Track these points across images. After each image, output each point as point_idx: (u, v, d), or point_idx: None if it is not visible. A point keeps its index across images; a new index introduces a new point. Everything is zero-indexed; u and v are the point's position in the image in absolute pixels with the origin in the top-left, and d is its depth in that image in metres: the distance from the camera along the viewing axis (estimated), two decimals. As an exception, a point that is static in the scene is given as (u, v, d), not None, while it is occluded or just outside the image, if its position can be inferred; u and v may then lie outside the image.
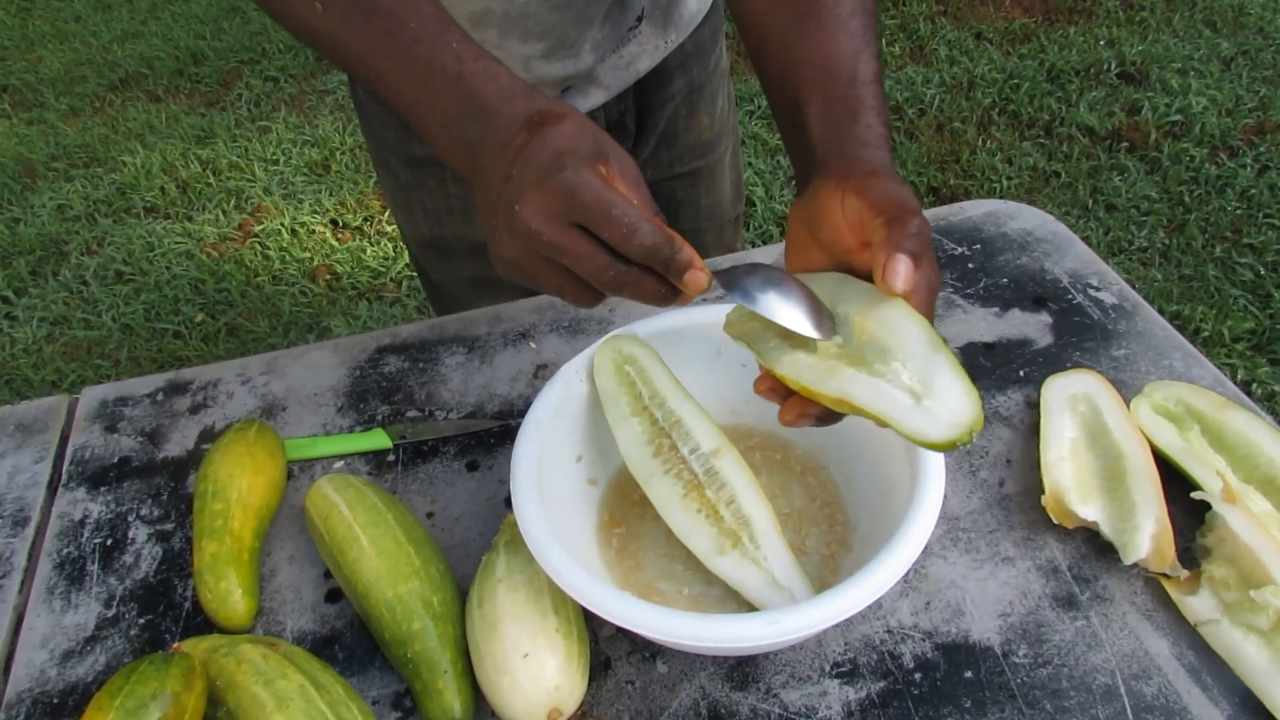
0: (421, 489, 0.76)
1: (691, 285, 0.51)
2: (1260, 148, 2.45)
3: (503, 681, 0.57)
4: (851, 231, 0.53)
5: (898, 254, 0.48)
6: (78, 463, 0.81)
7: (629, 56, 0.91)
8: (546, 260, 0.51)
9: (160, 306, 2.26)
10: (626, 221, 0.49)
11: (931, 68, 2.87)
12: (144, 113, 3.01)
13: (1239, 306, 2.02)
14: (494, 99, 0.53)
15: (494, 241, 0.52)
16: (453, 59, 0.55)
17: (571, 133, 0.51)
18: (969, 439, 0.46)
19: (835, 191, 0.52)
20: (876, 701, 0.60)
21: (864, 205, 0.51)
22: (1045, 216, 0.96)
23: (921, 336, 0.49)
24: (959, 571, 0.66)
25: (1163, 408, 0.72)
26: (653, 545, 0.68)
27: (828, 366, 0.51)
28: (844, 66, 0.61)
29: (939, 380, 0.48)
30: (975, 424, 0.46)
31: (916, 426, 0.47)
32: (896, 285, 0.48)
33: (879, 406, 0.49)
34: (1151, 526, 0.63)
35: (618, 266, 0.50)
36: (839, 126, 0.59)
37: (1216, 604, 0.60)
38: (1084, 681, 0.59)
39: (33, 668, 0.66)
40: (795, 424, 0.53)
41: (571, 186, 0.49)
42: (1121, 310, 0.85)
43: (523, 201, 0.49)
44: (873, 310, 0.52)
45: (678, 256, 0.50)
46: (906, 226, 0.48)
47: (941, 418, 0.47)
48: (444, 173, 0.95)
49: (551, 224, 0.49)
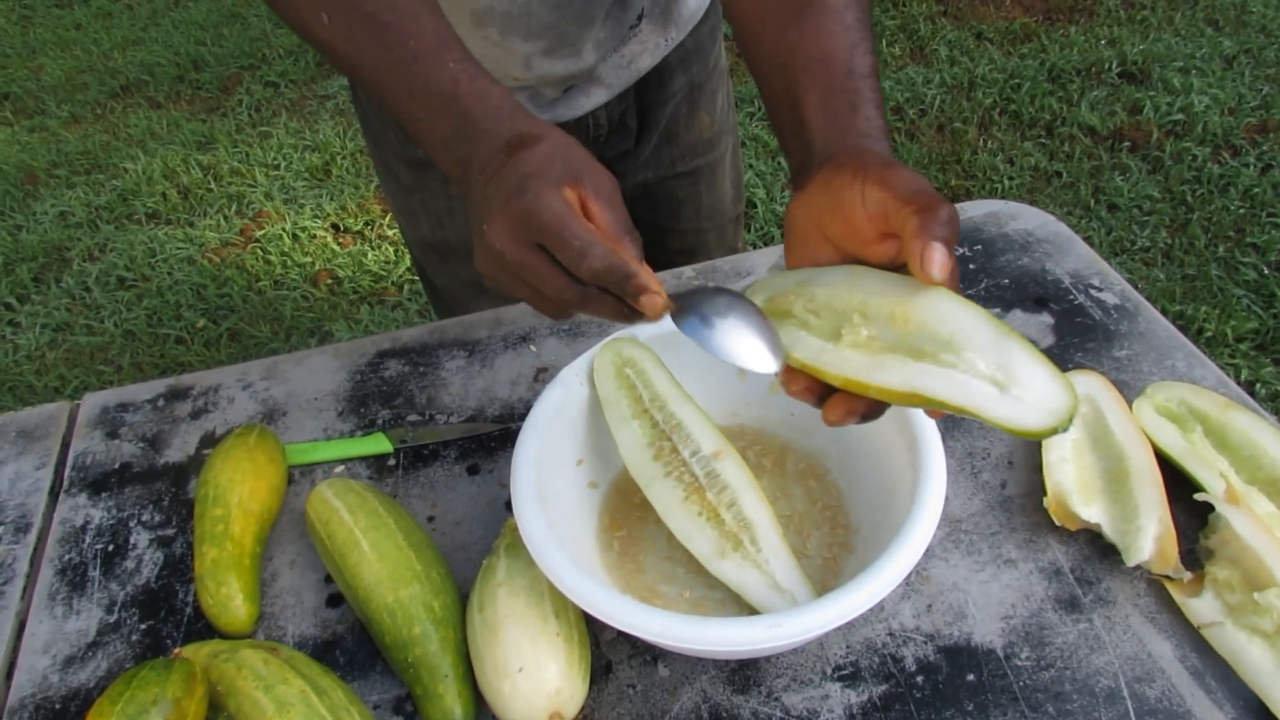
0: (422, 493, 0.76)
1: (648, 309, 0.51)
2: (1263, 146, 2.44)
3: (503, 686, 0.57)
4: (873, 223, 0.52)
5: (934, 242, 0.47)
6: (79, 469, 0.81)
7: (630, 55, 0.91)
8: (515, 277, 0.53)
9: (162, 312, 2.26)
10: (577, 245, 0.50)
11: (932, 68, 2.87)
12: (145, 119, 3.01)
13: (1242, 306, 2.02)
14: (482, 119, 0.55)
15: (476, 257, 0.55)
16: (449, 79, 0.56)
17: (543, 156, 0.52)
18: (1069, 423, 0.44)
19: (853, 183, 0.52)
20: (878, 705, 0.59)
21: (889, 196, 0.50)
22: (1046, 217, 0.96)
23: (984, 324, 0.48)
24: (961, 574, 0.66)
25: (1165, 409, 0.71)
26: (654, 548, 0.68)
27: (878, 361, 0.49)
28: (841, 59, 0.60)
29: (1020, 368, 0.46)
30: (1074, 408, 0.44)
31: (1010, 416, 0.45)
32: (936, 274, 0.47)
33: (961, 398, 0.46)
34: (1154, 528, 0.62)
35: (575, 286, 0.52)
36: (839, 118, 0.58)
37: (1220, 606, 0.60)
38: (1087, 684, 0.59)
39: (35, 673, 0.66)
40: (842, 423, 0.51)
41: (530, 210, 0.50)
42: (1124, 311, 0.85)
43: (490, 222, 0.52)
44: (913, 300, 0.50)
45: (633, 281, 0.50)
46: (938, 214, 0.48)
47: (1035, 404, 0.45)
48: (444, 175, 0.95)
49: (513, 244, 0.51)
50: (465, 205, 0.57)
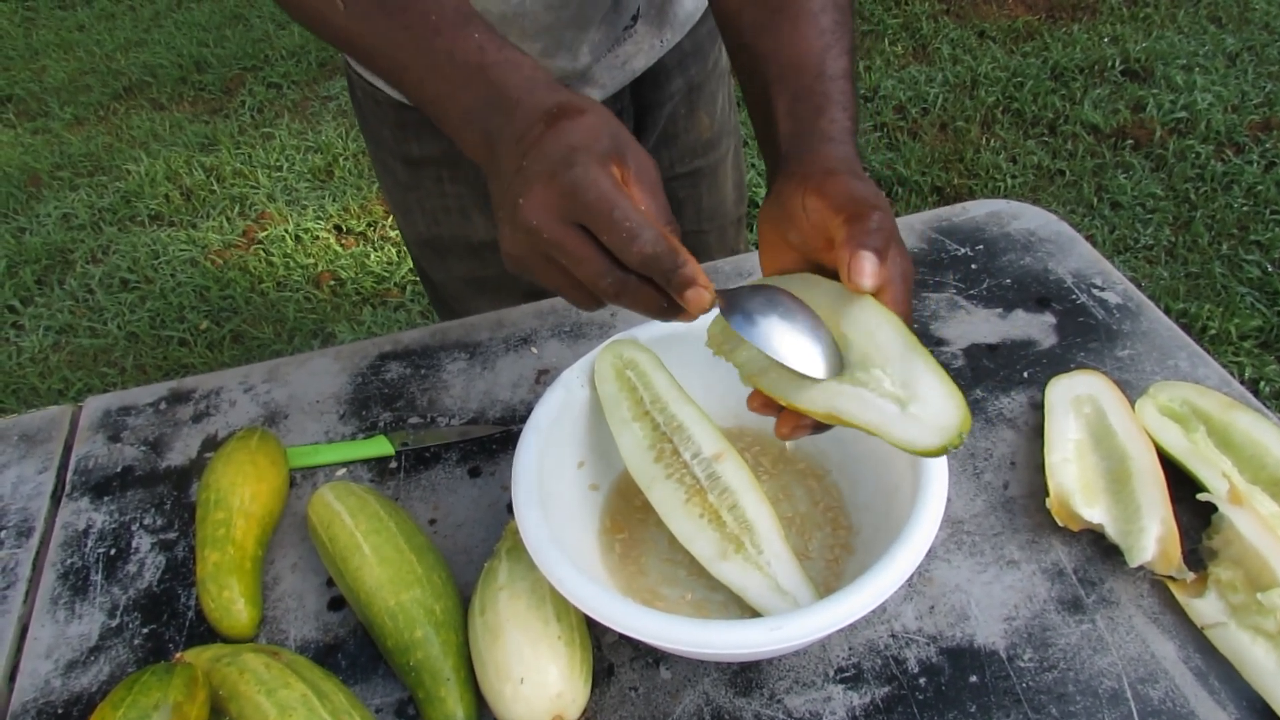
0: (424, 496, 0.76)
1: (693, 303, 0.48)
2: (1266, 144, 2.44)
3: (505, 689, 0.57)
4: (816, 232, 0.52)
5: (861, 251, 0.47)
6: (81, 472, 0.81)
7: (624, 55, 0.91)
8: (547, 259, 0.50)
9: (165, 314, 2.26)
10: (628, 226, 0.47)
11: (935, 66, 2.86)
12: (148, 121, 3.02)
13: (1246, 304, 2.01)
14: (516, 89, 0.52)
15: (501, 236, 0.51)
16: (475, 50, 0.54)
17: (589, 128, 0.49)
18: (959, 441, 0.45)
19: (796, 193, 0.52)
20: (881, 707, 0.59)
21: (823, 205, 0.50)
22: (1049, 216, 0.96)
23: (896, 338, 0.49)
24: (963, 575, 0.66)
25: (1168, 408, 0.71)
26: (655, 551, 0.68)
27: (808, 383, 0.51)
28: (812, 62, 0.60)
29: (920, 384, 0.48)
30: (963, 425, 0.46)
31: (906, 435, 0.47)
32: (864, 283, 0.47)
33: (867, 419, 0.48)
34: (1157, 529, 0.62)
35: (615, 273, 0.48)
36: (803, 122, 0.58)
37: (1223, 607, 0.60)
38: (1090, 685, 0.59)
39: (37, 678, 0.66)
40: (792, 436, 0.53)
41: (577, 184, 0.47)
42: (1126, 310, 0.84)
43: (527, 196, 0.48)
44: (845, 311, 0.51)
45: (681, 271, 0.48)
46: (867, 222, 0.48)
47: (929, 423, 0.47)
48: (441, 173, 0.95)
49: (552, 222, 0.48)
50: (489, 184, 0.53)
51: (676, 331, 0.71)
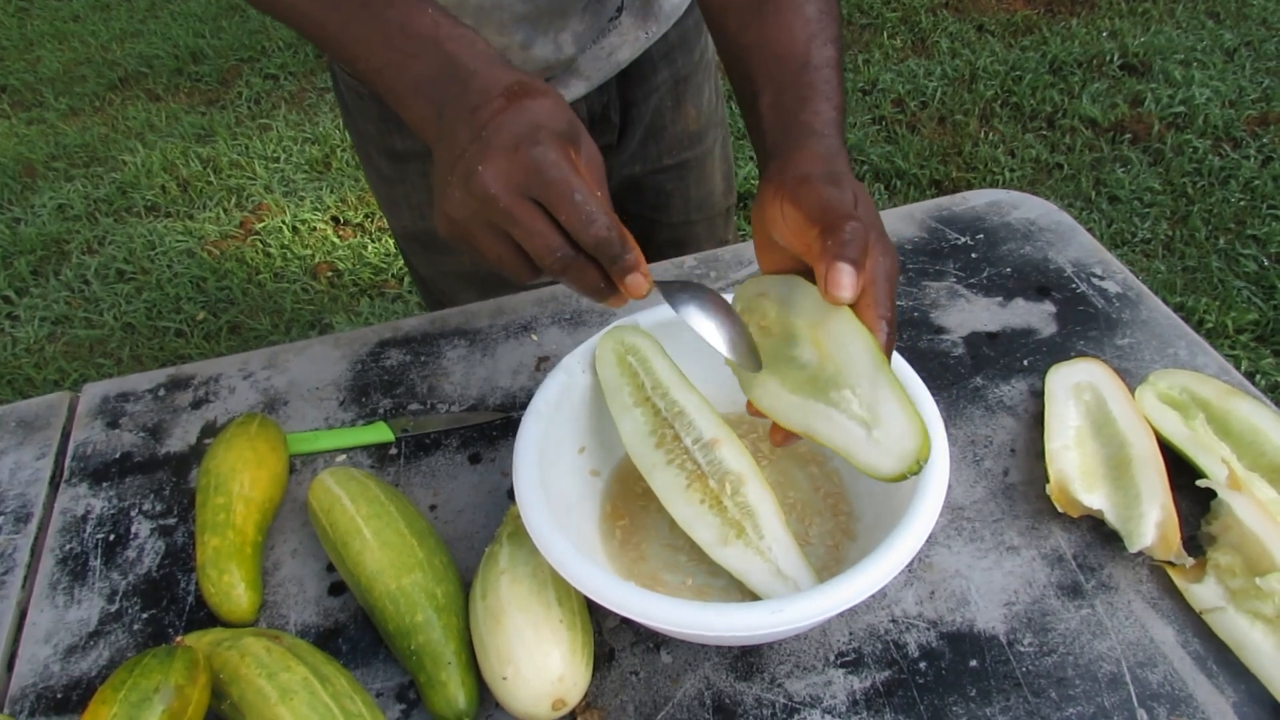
0: (424, 482, 0.76)
1: (632, 288, 0.52)
2: (1264, 139, 2.44)
3: (506, 673, 0.57)
4: (796, 238, 0.53)
5: (837, 263, 0.48)
6: (79, 459, 0.81)
7: (610, 47, 0.90)
8: (493, 227, 0.51)
9: (162, 305, 2.25)
10: (587, 209, 0.49)
11: (933, 60, 2.86)
12: (144, 111, 3.01)
13: (1243, 298, 2.02)
14: (471, 62, 0.53)
15: (443, 198, 0.52)
16: (429, 23, 0.54)
17: (548, 109, 0.51)
18: (917, 468, 0.48)
19: (773, 200, 0.53)
20: (881, 691, 0.59)
21: (799, 215, 0.51)
22: (1048, 206, 0.96)
23: (865, 357, 0.50)
24: (963, 561, 0.66)
25: (1168, 396, 0.71)
26: (656, 536, 0.68)
27: (788, 399, 0.54)
28: (797, 53, 0.60)
29: (884, 408, 0.50)
30: (921, 453, 0.48)
31: (869, 460, 0.49)
32: (842, 295, 0.48)
33: (838, 441, 0.51)
34: (1157, 514, 0.62)
35: (566, 250, 0.50)
36: (786, 115, 0.58)
37: (1222, 591, 0.60)
38: (1089, 670, 0.59)
39: (36, 663, 0.66)
40: (785, 444, 0.55)
41: (540, 161, 0.49)
42: (1126, 299, 0.85)
43: (486, 164, 0.49)
44: (823, 323, 0.53)
45: (626, 256, 0.51)
46: (841, 233, 0.48)
47: (890, 449, 0.49)
48: (425, 166, 0.95)
49: (510, 193, 0.49)
50: (432, 151, 0.54)
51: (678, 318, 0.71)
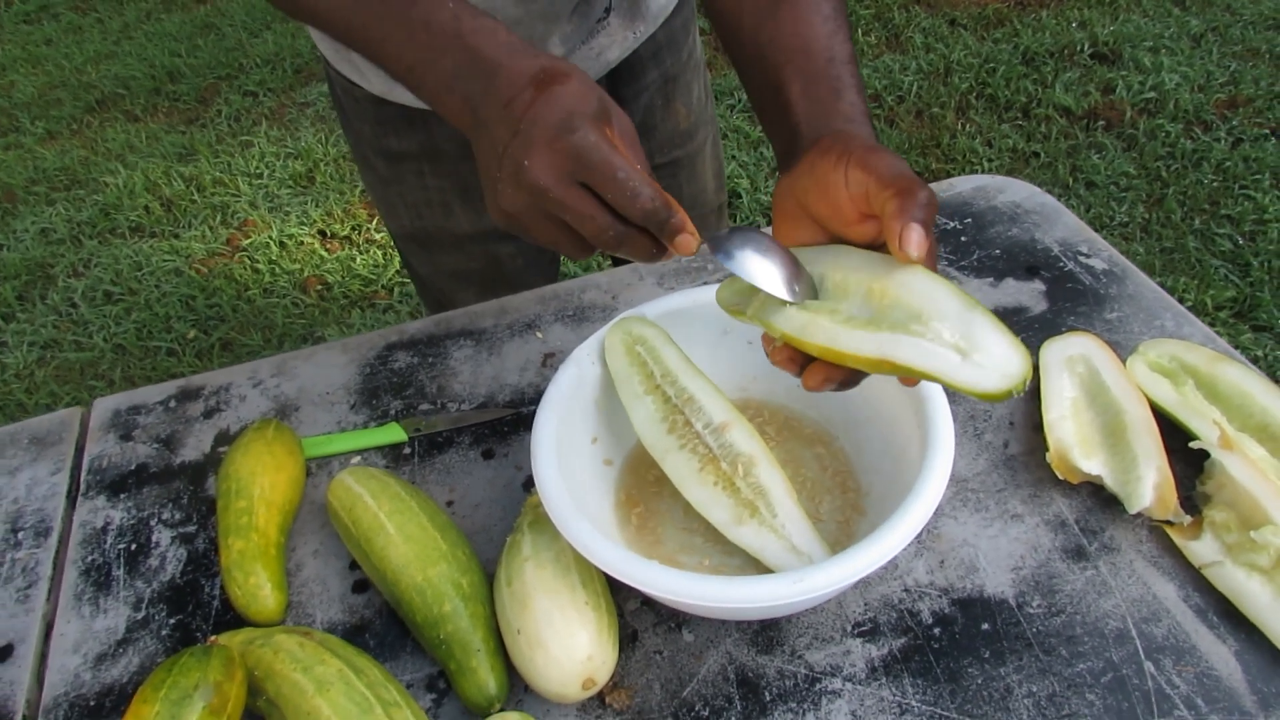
0: (439, 479, 0.77)
1: (682, 247, 0.55)
2: (1233, 121, 2.49)
3: (537, 656, 0.58)
4: (854, 204, 0.54)
5: (912, 224, 0.49)
6: (95, 472, 0.81)
7: (598, 48, 0.92)
8: (547, 215, 0.54)
9: (152, 325, 2.25)
10: (630, 186, 0.52)
11: (908, 55, 2.90)
12: (123, 133, 3.00)
13: (1220, 276, 2.06)
14: (495, 54, 0.55)
15: (495, 194, 0.55)
16: (450, 18, 0.56)
17: (578, 92, 0.53)
18: (1023, 387, 0.47)
19: (837, 166, 0.54)
20: (899, 657, 0.61)
21: (870, 179, 0.52)
22: (1032, 189, 0.99)
23: (952, 297, 0.51)
24: (970, 530, 0.68)
25: (1158, 364, 0.74)
26: (671, 520, 0.70)
27: (853, 331, 0.52)
28: (821, 47, 0.62)
29: (982, 336, 0.49)
30: (1027, 373, 0.48)
31: (969, 379, 0.48)
32: (913, 253, 0.50)
33: (926, 364, 0.50)
34: (1153, 476, 0.65)
35: (618, 227, 0.53)
36: (823, 104, 0.60)
37: (1219, 546, 0.62)
38: (1097, 627, 0.61)
39: (66, 672, 0.67)
40: (819, 389, 0.54)
41: (580, 148, 0.51)
42: (1112, 275, 0.87)
43: (532, 158, 0.52)
44: (890, 276, 0.53)
45: (672, 220, 0.54)
46: (917, 197, 0.50)
47: (993, 369, 0.48)
48: (421, 166, 0.96)
49: (559, 182, 0.52)
50: (473, 146, 0.56)
51: (682, 307, 0.74)
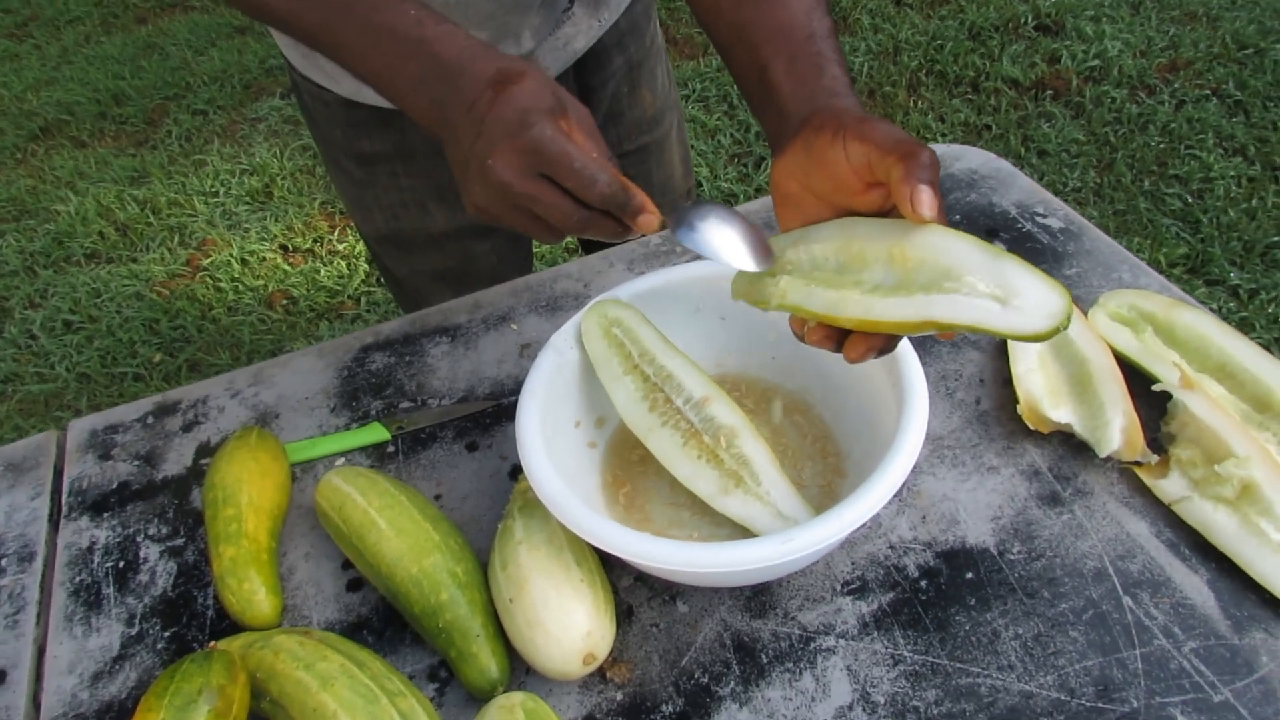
0: (425, 474, 0.78)
1: (644, 225, 0.57)
2: (1175, 84, 2.55)
3: (536, 636, 0.59)
4: (858, 175, 0.55)
5: (921, 185, 0.50)
6: (76, 493, 0.81)
7: (565, 37, 0.93)
8: (515, 207, 0.57)
9: (115, 351, 2.22)
10: (586, 174, 0.55)
11: (857, 36, 2.94)
12: (70, 159, 2.95)
13: (1171, 234, 2.11)
14: (457, 58, 0.58)
15: (467, 191, 0.58)
16: (413, 24, 0.59)
17: (533, 90, 0.56)
18: (1068, 323, 0.48)
19: (834, 141, 0.55)
20: (888, 611, 0.63)
21: (870, 149, 0.53)
22: (987, 155, 1.01)
23: (977, 249, 0.51)
24: (949, 485, 0.70)
25: (1118, 314, 0.76)
26: (658, 497, 0.71)
27: (887, 300, 0.53)
28: (800, 24, 0.64)
29: (1016, 281, 0.49)
30: (1069, 307, 0.48)
31: (1015, 324, 0.49)
32: (926, 213, 0.50)
33: (970, 318, 0.50)
34: (1120, 420, 0.67)
35: (581, 212, 0.56)
36: (807, 82, 0.62)
37: (1186, 483, 0.65)
38: (1075, 568, 0.64)
39: (63, 693, 0.67)
40: (862, 359, 0.55)
41: (538, 142, 0.54)
42: (1069, 233, 0.90)
43: (494, 156, 0.55)
44: (909, 239, 0.53)
45: (632, 202, 0.56)
46: (920, 159, 0.51)
47: (1035, 311, 0.48)
48: (395, 167, 0.97)
49: (521, 177, 0.55)
50: (443, 147, 0.59)
51: (654, 287, 0.75)
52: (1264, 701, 0.56)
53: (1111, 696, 0.57)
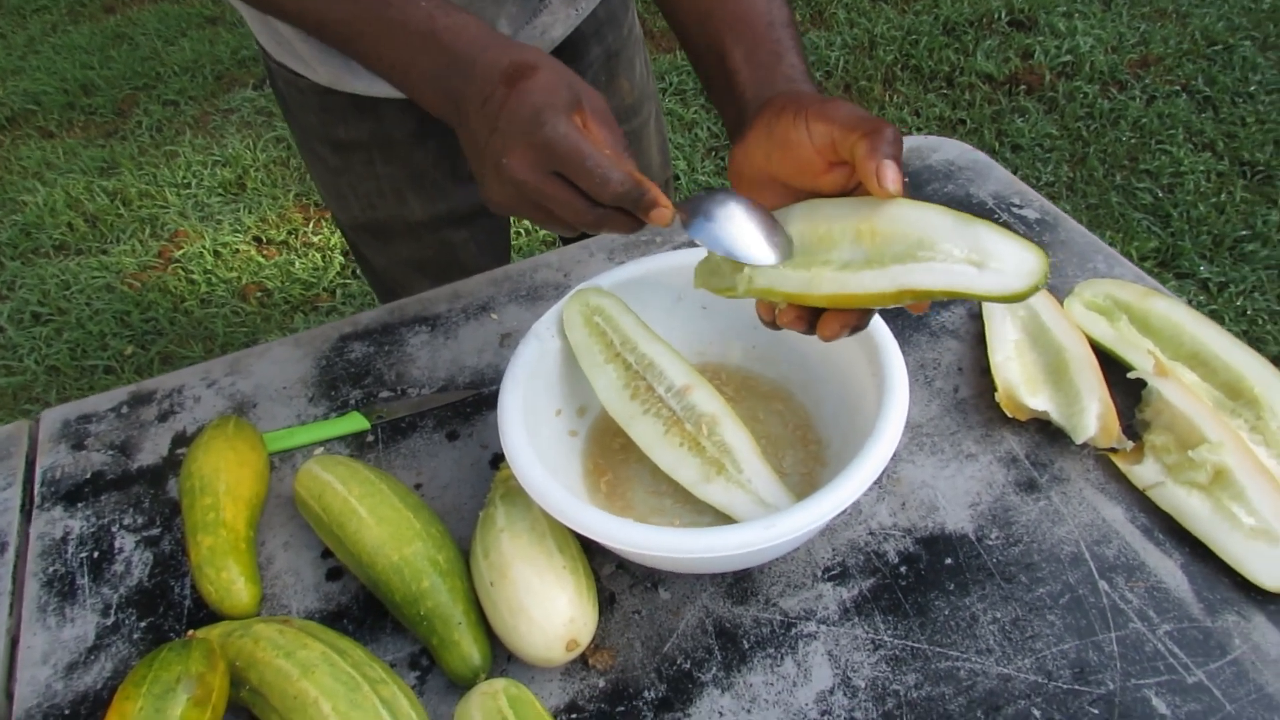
0: (406, 463, 0.77)
1: (657, 220, 0.56)
2: (1146, 80, 2.59)
3: (519, 623, 0.59)
4: (821, 155, 0.55)
5: (885, 160, 0.51)
6: (49, 483, 0.80)
7: (542, 26, 0.93)
8: (531, 203, 0.57)
9: (86, 344, 2.19)
10: (599, 173, 0.54)
11: (833, 31, 2.95)
12: (38, 149, 2.89)
13: (1143, 228, 2.14)
14: (469, 51, 0.58)
15: (484, 186, 0.58)
16: (424, 17, 0.59)
17: (546, 84, 0.55)
18: (1045, 281, 0.48)
19: (795, 122, 0.55)
20: (868, 596, 0.64)
21: (833, 128, 0.53)
22: (964, 147, 1.02)
23: (946, 217, 0.51)
24: (928, 472, 0.71)
25: (1093, 303, 0.77)
26: (640, 485, 0.71)
27: (861, 274, 0.53)
28: (760, 13, 0.64)
29: (990, 244, 0.50)
30: (1045, 265, 0.49)
31: (992, 285, 0.49)
32: (891, 187, 0.51)
33: (947, 282, 0.50)
34: (1096, 407, 0.68)
35: (595, 210, 0.56)
36: (765, 69, 0.62)
37: (1160, 468, 0.66)
38: (1052, 553, 0.64)
39: (37, 684, 0.66)
40: (836, 336, 0.55)
41: (550, 141, 0.54)
42: (1045, 223, 0.91)
43: (509, 155, 0.55)
44: (876, 215, 0.53)
45: (645, 198, 0.56)
46: (884, 135, 0.52)
47: (1012, 272, 0.49)
48: (371, 155, 0.96)
49: (535, 174, 0.55)
50: (459, 139, 0.59)
51: (635, 276, 0.75)
52: (1236, 682, 0.57)
53: (1088, 679, 0.58)
